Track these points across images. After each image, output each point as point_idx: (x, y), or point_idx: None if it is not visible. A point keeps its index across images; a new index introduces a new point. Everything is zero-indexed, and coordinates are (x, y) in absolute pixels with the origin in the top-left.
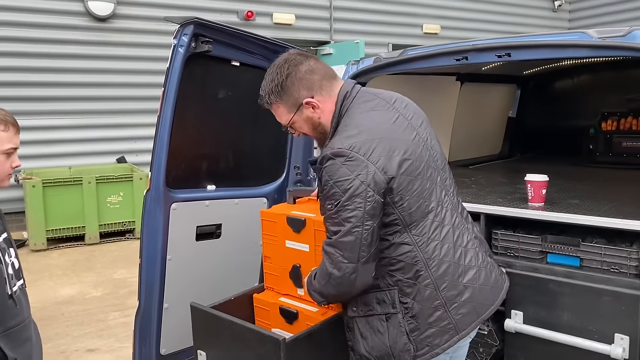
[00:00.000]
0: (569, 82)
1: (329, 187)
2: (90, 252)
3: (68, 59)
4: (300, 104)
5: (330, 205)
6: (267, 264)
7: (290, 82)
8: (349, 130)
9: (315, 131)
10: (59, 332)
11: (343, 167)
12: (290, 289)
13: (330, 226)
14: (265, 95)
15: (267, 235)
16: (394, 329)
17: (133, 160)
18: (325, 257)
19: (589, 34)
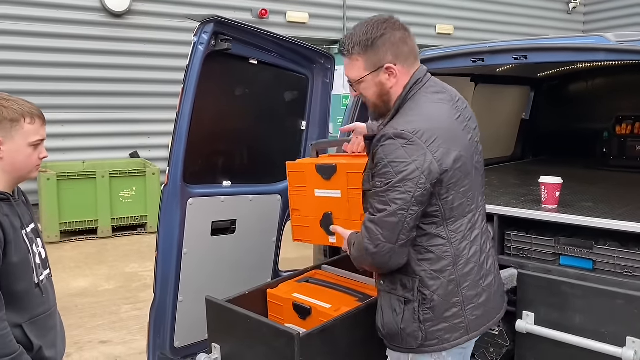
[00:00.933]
0: (584, 85)
1: (383, 165)
2: (102, 245)
3: (84, 54)
4: (381, 67)
5: (379, 182)
6: (296, 216)
7: (382, 42)
8: (414, 115)
9: (380, 99)
10: (72, 324)
11: (401, 150)
12: (321, 239)
13: (376, 203)
14: (349, 44)
15: (295, 187)
16: (408, 314)
17: (146, 155)
18: (364, 231)
19: (606, 37)
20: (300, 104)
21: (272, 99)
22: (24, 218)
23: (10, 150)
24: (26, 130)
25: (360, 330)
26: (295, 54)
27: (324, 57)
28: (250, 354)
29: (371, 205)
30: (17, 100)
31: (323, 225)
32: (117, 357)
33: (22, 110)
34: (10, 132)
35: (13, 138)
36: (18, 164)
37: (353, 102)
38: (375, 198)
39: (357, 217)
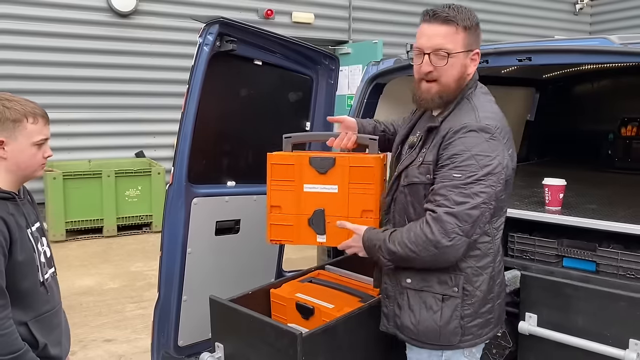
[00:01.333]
0: (589, 87)
1: (465, 157)
2: (107, 244)
3: (90, 53)
4: (471, 50)
5: (460, 174)
6: (275, 214)
7: (477, 29)
8: (487, 111)
9: (456, 82)
10: (77, 322)
11: (486, 143)
12: (306, 238)
13: (454, 195)
14: (457, 16)
15: (278, 181)
16: (448, 311)
17: (151, 155)
18: (434, 223)
19: (610, 39)
20: (305, 104)
21: (276, 100)
22: (29, 217)
23: (14, 151)
24: (29, 130)
25: (363, 331)
26: (299, 54)
27: (328, 58)
28: (253, 354)
29: (446, 197)
30: (19, 100)
31: (313, 223)
32: (122, 355)
33: (24, 111)
34: (14, 132)
35: (16, 138)
36: (22, 164)
37: (357, 103)
38: (454, 190)
39: (356, 214)
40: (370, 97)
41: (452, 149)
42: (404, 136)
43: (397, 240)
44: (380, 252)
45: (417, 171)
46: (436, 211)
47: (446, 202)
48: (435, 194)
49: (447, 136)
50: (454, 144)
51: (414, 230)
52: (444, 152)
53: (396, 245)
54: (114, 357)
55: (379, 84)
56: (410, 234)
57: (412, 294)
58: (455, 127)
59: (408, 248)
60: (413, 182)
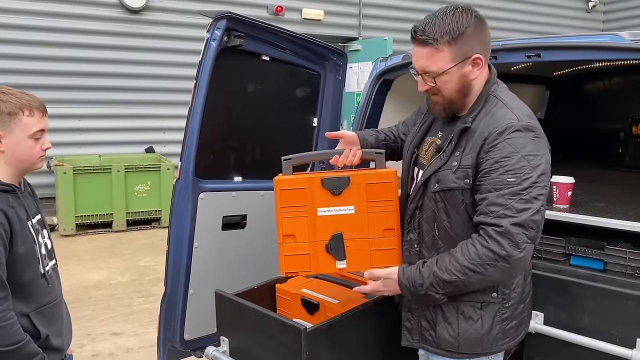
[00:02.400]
0: (600, 85)
1: (516, 159)
2: (117, 239)
3: (101, 49)
4: (468, 57)
5: (514, 178)
6: (289, 244)
7: (472, 32)
8: (520, 108)
9: (459, 92)
10: (85, 315)
11: (532, 143)
12: (325, 266)
13: (515, 203)
14: (435, 32)
15: (288, 207)
16: (488, 317)
17: (161, 150)
18: (502, 237)
19: (621, 36)
20: (312, 100)
21: (283, 95)
22: (30, 209)
23: (11, 144)
24: (25, 123)
25: (368, 326)
26: (307, 50)
27: (336, 54)
28: (258, 348)
29: (505, 206)
30: (15, 93)
31: (332, 249)
32: (129, 348)
33: (20, 103)
34: (9, 125)
35: (12, 131)
36: (21, 157)
37: (365, 100)
38: (513, 197)
39: (377, 234)
40: (378, 94)
41: (499, 152)
42: (420, 139)
43: (452, 268)
44: (432, 288)
45: (454, 176)
46: (501, 224)
47: (508, 211)
48: (491, 204)
49: (490, 138)
50: (500, 147)
51: (474, 250)
52: (487, 155)
53: (453, 274)
54: (122, 350)
55: (387, 80)
56: (471, 255)
57: (445, 306)
58: (497, 128)
59: (471, 271)
60: (450, 188)
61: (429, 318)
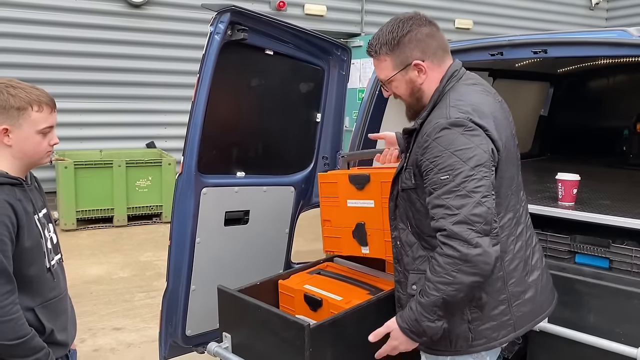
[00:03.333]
0: (604, 82)
1: (445, 157)
2: (118, 234)
3: (103, 43)
4: (409, 64)
5: (446, 176)
6: (327, 227)
7: (408, 40)
8: (461, 102)
9: (412, 96)
10: (86, 310)
11: (462, 137)
12: (353, 249)
13: (451, 201)
14: (376, 45)
15: (327, 197)
16: (455, 317)
17: (162, 145)
18: (450, 241)
19: (629, 32)
20: (316, 95)
21: (287, 90)
22: (37, 203)
23: (18, 138)
24: (34, 118)
25: (371, 323)
26: (311, 45)
27: (340, 49)
28: (260, 344)
29: (445, 207)
30: (25, 87)
31: (356, 236)
32: (130, 343)
33: (29, 98)
34: (18, 120)
35: (21, 126)
36: (28, 151)
37: (368, 96)
38: (448, 195)
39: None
40: (381, 90)
41: (430, 152)
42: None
43: (428, 289)
44: (424, 318)
45: (404, 176)
46: (444, 227)
47: (447, 211)
48: (433, 207)
49: (422, 140)
50: (430, 147)
51: (436, 263)
52: (423, 157)
53: (430, 295)
54: (123, 345)
55: None
56: (436, 269)
57: None
58: (428, 129)
59: (442, 284)
60: (403, 188)
61: None
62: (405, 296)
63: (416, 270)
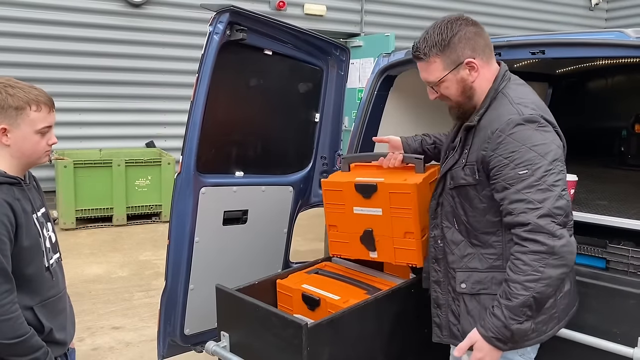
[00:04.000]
0: (603, 82)
1: (523, 151)
2: (117, 233)
3: (103, 43)
4: (460, 63)
5: (525, 170)
6: (333, 232)
7: (458, 39)
8: (524, 101)
9: (463, 95)
10: (85, 309)
11: (536, 132)
12: (361, 253)
13: (532, 195)
14: (424, 47)
15: (332, 204)
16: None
17: (162, 145)
18: (535, 235)
19: (626, 33)
20: (314, 95)
21: (286, 90)
22: (35, 202)
23: (16, 138)
24: (32, 118)
25: (369, 322)
26: (310, 45)
27: (339, 49)
28: (258, 343)
29: (524, 200)
30: (23, 87)
31: (364, 242)
32: (129, 343)
33: (27, 98)
34: (16, 119)
35: (19, 126)
36: (26, 151)
37: (367, 96)
38: (529, 190)
39: (399, 235)
40: (380, 90)
41: (505, 148)
42: (450, 141)
43: (515, 290)
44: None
45: (463, 172)
46: (528, 220)
47: (530, 205)
48: (512, 202)
49: (495, 135)
50: (505, 142)
51: (520, 262)
52: (494, 152)
53: (519, 295)
54: (121, 344)
55: (390, 76)
56: (521, 268)
57: (468, 298)
58: (500, 125)
59: (531, 282)
60: (460, 184)
61: (455, 312)
62: (444, 295)
63: (464, 268)
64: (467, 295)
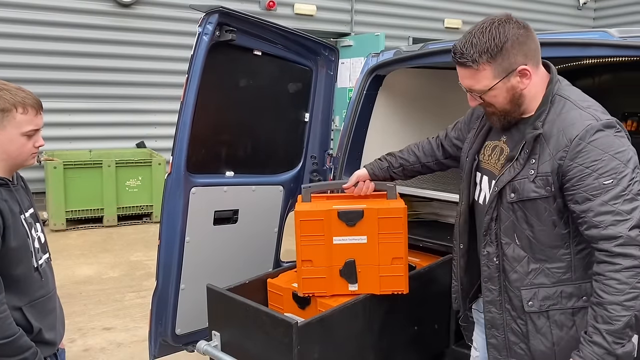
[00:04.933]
0: (589, 82)
1: (607, 160)
2: (107, 234)
3: (92, 43)
4: (513, 70)
5: (610, 180)
6: (306, 268)
7: (511, 45)
8: (592, 105)
9: (512, 103)
10: (76, 310)
11: (616, 139)
12: (339, 288)
13: (620, 206)
14: (474, 53)
15: (308, 236)
16: (582, 322)
17: (152, 145)
18: (627, 249)
19: (610, 33)
20: (304, 95)
21: (275, 91)
22: (23, 203)
23: (3, 140)
24: (18, 120)
25: (359, 321)
26: (299, 45)
27: (328, 49)
28: (249, 342)
29: (612, 212)
30: (10, 88)
31: (344, 274)
32: (120, 343)
33: (14, 100)
34: (2, 122)
35: (5, 128)
36: (12, 153)
37: (356, 96)
38: (616, 201)
39: (386, 262)
40: (369, 89)
41: (586, 157)
42: (480, 144)
43: (615, 313)
44: (617, 345)
45: (534, 185)
46: (619, 234)
47: (618, 217)
48: (598, 215)
49: (573, 144)
50: (586, 151)
51: (615, 282)
52: (573, 162)
53: (620, 317)
54: (113, 345)
55: (379, 75)
56: (617, 288)
57: (536, 316)
58: (578, 133)
59: (630, 300)
60: (530, 198)
61: (517, 331)
62: (501, 315)
63: (529, 286)
64: (535, 314)
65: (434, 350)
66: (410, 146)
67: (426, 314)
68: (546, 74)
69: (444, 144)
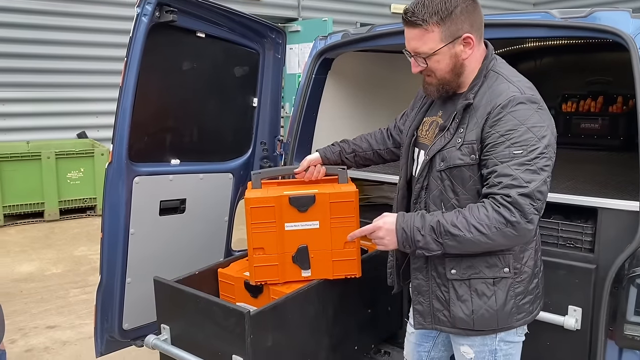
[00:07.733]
0: (532, 64)
1: (522, 131)
2: (49, 229)
3: (26, 29)
4: (458, 37)
5: (520, 150)
6: (258, 256)
7: (460, 12)
8: (521, 81)
9: (452, 72)
10: (17, 309)
11: (536, 114)
12: (291, 275)
13: (521, 173)
14: (425, 13)
15: (259, 223)
16: (502, 293)
17: (94, 135)
18: (511, 206)
19: (552, 13)
20: (252, 79)
21: (221, 74)
22: None
23: None
24: None
25: (312, 306)
26: (245, 27)
27: (274, 32)
28: (201, 334)
29: (512, 176)
30: None
31: (297, 260)
32: (65, 341)
33: None
34: None
35: None
36: None
37: (305, 81)
38: (519, 168)
39: (339, 246)
40: (318, 73)
41: (503, 125)
42: (419, 121)
43: (459, 222)
44: (432, 234)
45: (460, 152)
46: (510, 194)
47: (515, 182)
48: (499, 175)
49: (494, 112)
50: (504, 120)
51: (484, 212)
52: (492, 129)
53: (458, 228)
54: (58, 343)
55: (327, 59)
56: (480, 215)
57: (457, 284)
58: (501, 102)
59: (477, 230)
60: (456, 165)
61: (441, 298)
62: (427, 282)
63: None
64: (457, 281)
65: (387, 332)
66: (364, 135)
67: (379, 297)
68: (485, 52)
69: (393, 134)
